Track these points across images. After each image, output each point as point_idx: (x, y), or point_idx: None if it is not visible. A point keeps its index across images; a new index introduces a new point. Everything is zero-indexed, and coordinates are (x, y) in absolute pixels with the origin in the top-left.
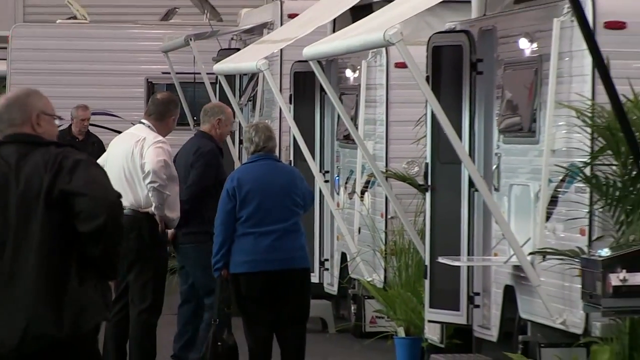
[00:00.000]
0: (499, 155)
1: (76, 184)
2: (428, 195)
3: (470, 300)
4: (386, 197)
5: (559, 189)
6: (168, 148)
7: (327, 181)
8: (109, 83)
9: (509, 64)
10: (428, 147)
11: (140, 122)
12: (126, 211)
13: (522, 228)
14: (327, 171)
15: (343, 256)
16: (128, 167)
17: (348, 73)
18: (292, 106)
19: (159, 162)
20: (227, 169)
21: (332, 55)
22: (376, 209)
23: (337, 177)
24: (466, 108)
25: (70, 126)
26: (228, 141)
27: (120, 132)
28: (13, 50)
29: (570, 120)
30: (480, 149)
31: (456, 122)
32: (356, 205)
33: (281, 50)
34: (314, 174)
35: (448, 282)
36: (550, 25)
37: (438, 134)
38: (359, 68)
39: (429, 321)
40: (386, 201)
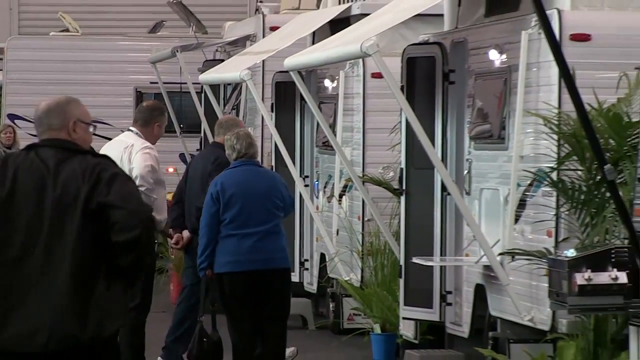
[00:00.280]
0: (470, 161)
1: (114, 197)
2: (403, 199)
3: (442, 298)
4: (363, 201)
5: (527, 193)
6: (155, 154)
7: (307, 185)
8: (100, 92)
9: (480, 74)
10: (403, 153)
11: (128, 130)
12: None
13: (492, 230)
14: (307, 176)
15: (322, 256)
16: None
17: (327, 83)
18: (274, 114)
19: (146, 167)
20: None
21: (312, 66)
22: (353, 212)
23: (317, 182)
24: (439, 116)
25: None
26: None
27: (110, 139)
28: (8, 61)
29: (537, 127)
30: (452, 155)
31: (429, 130)
32: (334, 208)
33: (263, 61)
34: (295, 179)
35: (422, 281)
36: (518, 37)
37: (412, 141)
38: (337, 78)
39: (404, 318)
40: (363, 204)
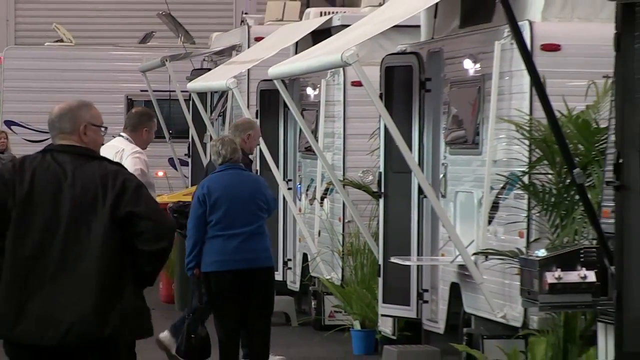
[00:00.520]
0: (446, 165)
1: (143, 209)
2: (381, 201)
3: (419, 296)
4: (343, 203)
5: (500, 196)
6: (145, 158)
7: (290, 189)
8: (92, 100)
9: (455, 83)
10: (381, 158)
11: (119, 135)
12: None
13: (467, 231)
14: (290, 179)
15: (304, 256)
16: None
17: (309, 91)
18: (259, 121)
19: (136, 171)
20: (200, 178)
21: (295, 74)
22: (334, 214)
23: (299, 185)
24: (416, 122)
25: None
26: (200, 152)
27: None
28: (5, 70)
29: (510, 133)
30: (428, 160)
31: (407, 135)
32: (316, 210)
33: (248, 70)
34: (278, 182)
35: (399, 280)
36: (492, 47)
37: (390, 146)
38: (319, 86)
39: (382, 315)
40: (343, 207)
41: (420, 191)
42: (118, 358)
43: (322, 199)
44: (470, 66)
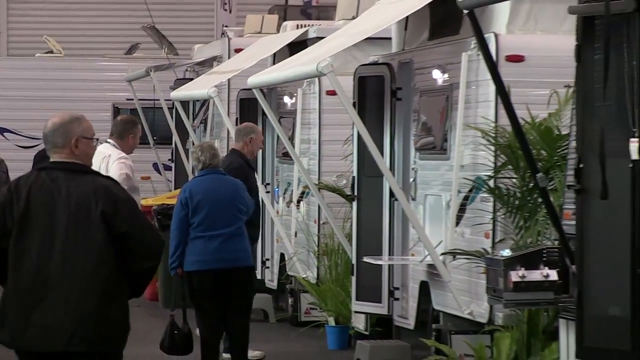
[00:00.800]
0: (416, 169)
1: (136, 230)
2: (355, 204)
3: (390, 293)
4: (319, 206)
5: (467, 199)
6: (130, 163)
7: (268, 192)
8: (81, 108)
9: (424, 92)
10: (354, 163)
11: (106, 142)
12: None
13: (435, 232)
14: (268, 183)
15: (282, 256)
16: None
17: (286, 99)
18: None
19: (121, 175)
20: (183, 182)
21: (273, 84)
22: (310, 216)
23: (277, 189)
24: (387, 129)
25: None
26: (183, 157)
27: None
28: None
29: (476, 139)
30: (399, 164)
31: (379, 142)
32: (293, 212)
33: (229, 79)
34: (257, 186)
35: (372, 279)
36: (459, 58)
37: (363, 152)
38: (296, 95)
39: (356, 312)
40: (319, 209)
41: (391, 194)
42: None
43: (299, 202)
44: (438, 76)
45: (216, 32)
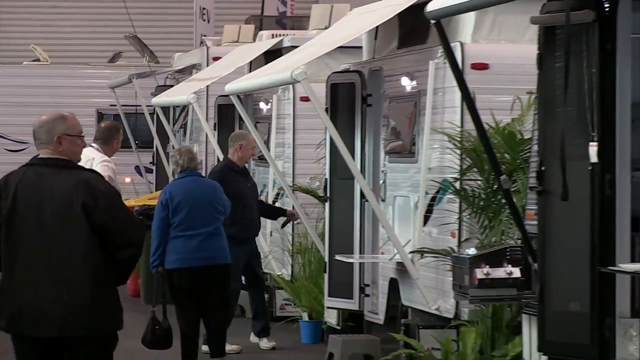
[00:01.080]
0: (385, 172)
1: (115, 221)
2: (327, 205)
3: (361, 290)
4: (293, 206)
5: (434, 200)
6: (112, 166)
7: None
8: None
9: (393, 98)
10: (327, 166)
11: (90, 145)
12: None
13: (404, 231)
14: None
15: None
16: None
17: (262, 105)
18: (216, 132)
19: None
20: (164, 184)
21: (249, 90)
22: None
23: None
24: (358, 134)
25: None
26: (163, 160)
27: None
28: None
29: (443, 143)
30: (369, 167)
31: (350, 145)
32: None
33: (207, 86)
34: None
35: (343, 276)
36: (426, 66)
37: (335, 155)
38: (271, 101)
39: (328, 307)
40: (293, 210)
41: (362, 196)
42: (105, 348)
43: (274, 203)
44: (407, 83)
45: (195, 41)
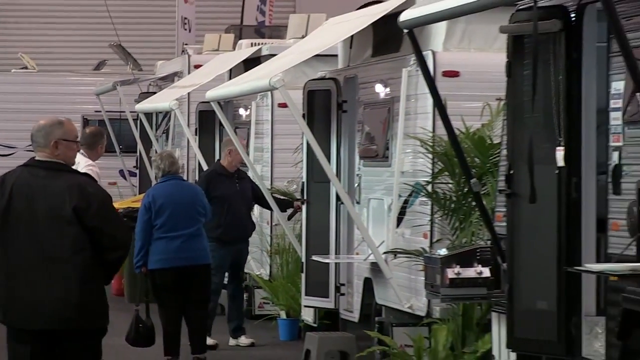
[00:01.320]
0: (360, 175)
1: (106, 224)
2: (304, 207)
3: (337, 289)
4: (271, 209)
5: (407, 202)
6: (97, 170)
7: None
8: None
9: (368, 104)
10: (304, 169)
11: None
12: None
13: (378, 233)
14: None
15: None
16: None
17: (241, 111)
18: (197, 137)
19: None
20: (147, 187)
21: (229, 97)
22: (263, 218)
23: None
24: (334, 139)
25: None
26: (147, 164)
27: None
28: None
29: (416, 148)
30: (345, 171)
31: (326, 150)
32: None
33: (189, 93)
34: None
35: (320, 275)
36: (400, 73)
37: (312, 159)
38: (250, 107)
39: (305, 306)
40: (271, 212)
41: (337, 198)
42: (94, 343)
43: (253, 205)
44: (381, 90)
45: (177, 50)
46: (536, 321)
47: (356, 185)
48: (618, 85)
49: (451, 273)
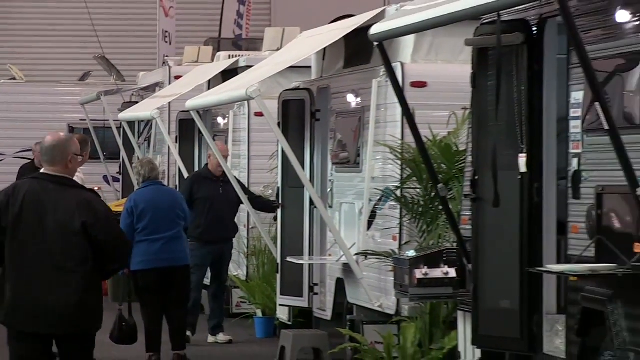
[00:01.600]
0: (332, 181)
1: (110, 238)
2: (279, 211)
3: (311, 289)
4: (248, 212)
5: (377, 206)
6: (82, 176)
7: None
8: (40, 127)
9: (340, 113)
10: (279, 175)
11: None
12: None
13: (350, 235)
14: None
15: None
16: None
17: (219, 120)
18: (178, 145)
19: None
20: (130, 192)
21: (208, 106)
22: (240, 221)
23: None
24: (308, 146)
25: (32, 160)
26: (129, 170)
27: None
28: None
29: (385, 155)
30: (318, 176)
31: (300, 157)
32: None
33: (169, 103)
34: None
35: (294, 276)
36: (370, 84)
37: (287, 165)
38: (228, 116)
39: (280, 305)
40: (248, 215)
41: (311, 202)
42: (92, 344)
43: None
44: (352, 100)
45: (158, 61)
46: (500, 319)
47: (329, 190)
48: (577, 95)
49: (419, 273)
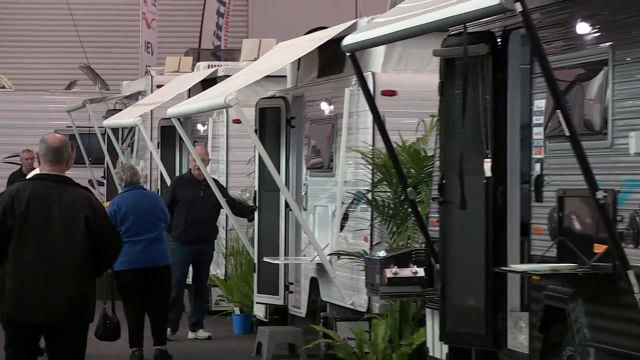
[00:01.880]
0: (307, 185)
1: (106, 231)
2: (256, 213)
3: (286, 287)
4: (226, 215)
5: (349, 209)
6: None
7: None
8: (28, 134)
9: (314, 120)
10: (256, 179)
11: None
12: None
13: (323, 236)
14: None
15: None
16: None
17: (199, 126)
18: (159, 150)
19: None
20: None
21: (188, 114)
22: (219, 223)
23: None
24: (283, 152)
25: (21, 167)
26: (113, 174)
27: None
28: None
29: (357, 160)
30: (293, 181)
31: (276, 162)
32: None
33: (152, 110)
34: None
35: (270, 275)
36: (343, 92)
37: (263, 170)
38: (207, 123)
39: (257, 303)
40: (226, 217)
41: (286, 205)
42: (86, 333)
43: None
44: (325, 107)
45: (141, 71)
46: (466, 316)
47: (303, 193)
48: (540, 103)
49: (389, 273)
